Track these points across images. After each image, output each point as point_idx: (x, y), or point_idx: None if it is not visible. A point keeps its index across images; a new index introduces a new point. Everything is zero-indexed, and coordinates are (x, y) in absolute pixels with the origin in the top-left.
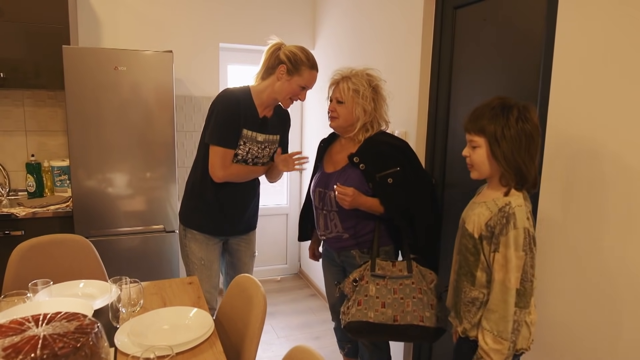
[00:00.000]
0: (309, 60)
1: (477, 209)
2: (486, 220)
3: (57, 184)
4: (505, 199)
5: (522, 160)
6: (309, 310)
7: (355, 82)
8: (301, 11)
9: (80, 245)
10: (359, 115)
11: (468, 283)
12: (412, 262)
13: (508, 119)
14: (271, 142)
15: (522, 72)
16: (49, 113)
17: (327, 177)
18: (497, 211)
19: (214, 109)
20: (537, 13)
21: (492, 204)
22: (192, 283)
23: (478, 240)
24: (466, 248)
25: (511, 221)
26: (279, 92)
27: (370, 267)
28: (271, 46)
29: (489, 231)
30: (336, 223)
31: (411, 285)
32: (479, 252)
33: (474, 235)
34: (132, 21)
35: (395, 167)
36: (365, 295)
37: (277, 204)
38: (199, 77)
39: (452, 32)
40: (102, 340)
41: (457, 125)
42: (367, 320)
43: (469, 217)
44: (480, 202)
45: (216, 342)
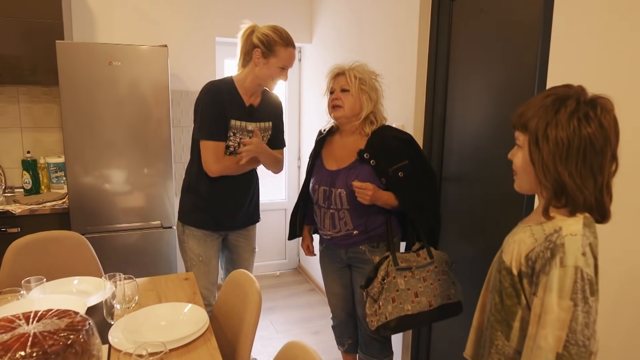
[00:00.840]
0: (283, 38)
1: (519, 234)
2: (528, 251)
3: (53, 180)
4: (554, 224)
5: (569, 173)
6: (307, 305)
7: (359, 71)
8: (298, 4)
9: (76, 241)
10: (365, 103)
11: (502, 335)
12: (430, 248)
13: (558, 113)
14: (263, 129)
15: (519, 63)
16: (45, 109)
17: (331, 174)
18: (543, 240)
19: (199, 104)
20: (534, 4)
21: (538, 229)
22: (187, 279)
23: (517, 278)
24: (503, 287)
25: (557, 255)
26: (259, 76)
27: (393, 262)
28: (244, 31)
29: (530, 266)
30: (346, 221)
31: (435, 270)
32: (519, 295)
33: (511, 270)
34: (127, 15)
35: (404, 160)
36: (397, 290)
37: (275, 199)
38: (195, 71)
39: (448, 24)
40: (94, 337)
41: (454, 118)
42: (406, 314)
43: (508, 245)
44: (524, 225)
45: (211, 338)
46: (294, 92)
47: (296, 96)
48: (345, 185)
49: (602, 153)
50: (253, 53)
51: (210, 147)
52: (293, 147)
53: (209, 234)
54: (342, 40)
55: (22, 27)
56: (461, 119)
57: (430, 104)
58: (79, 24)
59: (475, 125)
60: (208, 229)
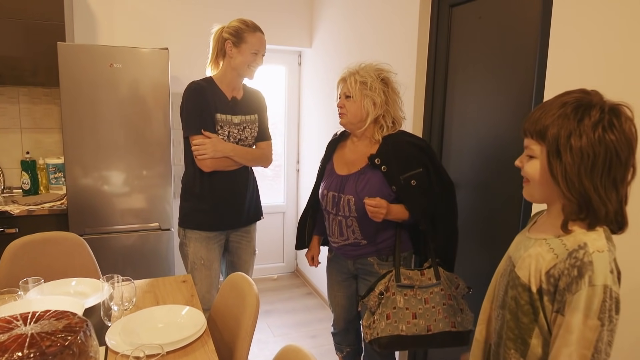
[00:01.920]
0: (249, 25)
1: (533, 247)
2: (549, 267)
3: (52, 181)
4: (576, 238)
5: (594, 186)
6: (305, 308)
7: (362, 74)
8: (298, 10)
9: (74, 243)
10: (369, 108)
11: (516, 352)
12: (438, 267)
13: (581, 122)
14: (249, 122)
15: (518, 69)
16: (45, 110)
17: (341, 180)
18: (567, 256)
19: (183, 103)
20: (532, 11)
21: (557, 244)
22: (185, 281)
23: (537, 296)
24: (517, 304)
25: (586, 275)
26: (236, 67)
27: (395, 278)
28: (215, 33)
29: (552, 284)
30: (354, 229)
31: (441, 293)
32: (537, 312)
33: (530, 287)
34: (128, 18)
35: (418, 167)
36: (394, 308)
37: (273, 202)
38: (195, 74)
39: (448, 30)
40: (91, 338)
41: (453, 123)
42: (399, 334)
43: (521, 260)
44: (539, 238)
45: (208, 341)
46: (294, 96)
47: (296, 100)
48: (354, 192)
49: (626, 163)
50: (225, 47)
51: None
52: (292, 151)
53: (212, 236)
54: (342, 45)
55: (24, 28)
56: (460, 125)
57: (429, 110)
58: (80, 26)
59: (473, 131)
60: (210, 230)
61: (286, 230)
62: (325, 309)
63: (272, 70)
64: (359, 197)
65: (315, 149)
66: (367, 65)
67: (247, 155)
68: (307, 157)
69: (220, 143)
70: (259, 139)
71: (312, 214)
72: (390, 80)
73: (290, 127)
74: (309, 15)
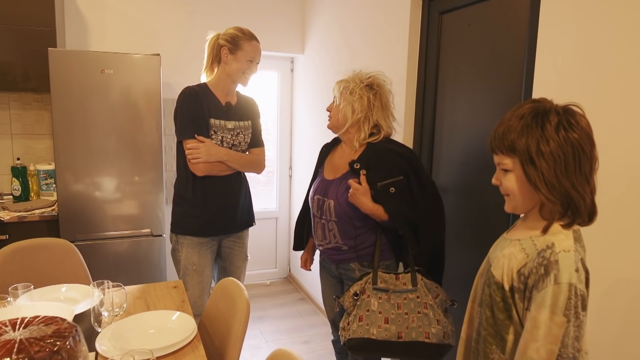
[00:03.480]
0: (245, 33)
1: (508, 248)
2: (519, 266)
3: (43, 187)
4: (546, 239)
5: (572, 184)
6: (297, 314)
7: (349, 80)
8: (290, 16)
9: (64, 249)
10: (346, 113)
11: (497, 348)
12: (416, 274)
13: (544, 128)
14: (243, 128)
15: (506, 75)
16: (35, 116)
17: (326, 184)
18: (536, 255)
19: (177, 107)
20: (520, 18)
21: (529, 243)
22: (177, 287)
23: (509, 293)
24: (494, 301)
25: (552, 272)
26: (231, 73)
27: (372, 280)
28: (210, 39)
29: (522, 282)
30: (335, 233)
31: (416, 300)
32: (510, 309)
33: (503, 285)
34: (120, 24)
35: (398, 175)
36: (367, 310)
37: (266, 207)
38: (187, 80)
39: (438, 37)
40: (80, 344)
41: (443, 129)
42: (369, 337)
43: (496, 260)
44: (513, 239)
45: (199, 346)
46: (286, 102)
47: (288, 106)
48: (335, 196)
49: (591, 156)
50: (221, 53)
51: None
52: (285, 156)
53: (204, 241)
54: (333, 51)
55: (15, 34)
56: (450, 130)
57: (419, 116)
58: (72, 32)
59: (463, 137)
60: (202, 236)
61: (279, 235)
62: (318, 315)
63: (264, 76)
64: (338, 201)
65: (307, 154)
66: (360, 72)
67: (241, 160)
68: (299, 163)
69: (214, 147)
70: (252, 145)
71: (308, 215)
72: (378, 87)
73: (282, 133)
74: (301, 22)
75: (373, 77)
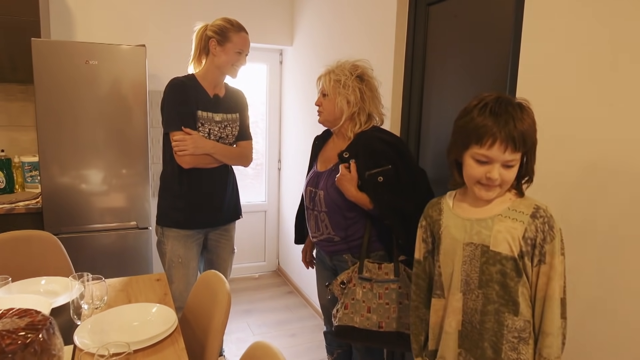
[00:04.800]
0: (234, 25)
1: (499, 224)
2: (522, 233)
3: (27, 179)
4: (525, 203)
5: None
6: (285, 307)
7: (337, 72)
8: (279, 8)
9: (46, 241)
10: (342, 106)
11: (509, 313)
12: (400, 264)
13: (524, 112)
14: (230, 120)
15: (492, 65)
16: (20, 107)
17: (318, 175)
18: (531, 219)
19: (165, 98)
20: (505, 9)
21: (516, 214)
22: (159, 280)
23: (519, 259)
24: (503, 274)
25: (554, 226)
26: (219, 65)
27: (359, 270)
28: (198, 30)
29: (530, 244)
30: (327, 224)
31: (398, 290)
32: (521, 274)
33: (513, 255)
34: (106, 15)
35: (386, 164)
36: (352, 299)
37: (255, 200)
38: (173, 72)
39: (425, 28)
40: (55, 336)
41: (430, 121)
42: (353, 325)
43: (493, 238)
44: (492, 216)
45: (179, 339)
46: (275, 95)
47: (277, 98)
48: (325, 187)
49: None
50: (209, 45)
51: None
52: (274, 149)
53: (190, 234)
54: (322, 43)
55: None
56: (436, 120)
57: (406, 106)
58: (57, 23)
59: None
60: (188, 228)
61: (268, 229)
62: (306, 308)
63: (253, 69)
64: (328, 192)
65: (296, 147)
66: (344, 63)
67: (228, 153)
68: (288, 156)
69: (200, 140)
70: (240, 138)
71: None
72: (367, 76)
73: (271, 125)
74: (290, 14)
75: (361, 67)
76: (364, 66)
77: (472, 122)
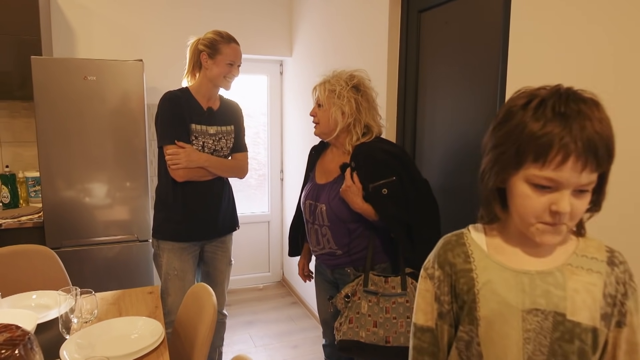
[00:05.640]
0: (223, 37)
1: (573, 278)
2: (602, 289)
3: (31, 194)
4: (594, 243)
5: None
6: (289, 318)
7: (332, 82)
8: (278, 20)
9: (44, 256)
10: (337, 117)
11: None
12: (407, 277)
13: (601, 111)
14: (225, 133)
15: (482, 71)
16: (24, 124)
17: (318, 188)
18: (609, 266)
19: (158, 112)
20: (493, 15)
21: (589, 261)
22: (152, 292)
23: (601, 328)
24: (582, 354)
25: (632, 274)
26: (212, 77)
27: (363, 283)
28: (191, 45)
29: (610, 303)
30: (329, 239)
31: (405, 304)
32: (598, 346)
33: (594, 325)
34: (107, 32)
35: (391, 176)
36: (357, 313)
37: (258, 211)
38: (171, 85)
39: (417, 35)
40: (33, 352)
41: (425, 126)
42: (358, 340)
43: (570, 302)
44: (560, 266)
45: (164, 353)
46: (276, 106)
47: (278, 109)
48: (327, 201)
49: None
50: (201, 58)
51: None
52: (276, 160)
53: (186, 246)
54: (320, 53)
55: (1, 43)
56: (431, 128)
57: (401, 114)
58: (59, 40)
59: (444, 133)
60: (184, 241)
61: (271, 239)
62: (309, 319)
63: (254, 80)
64: (330, 206)
65: (298, 157)
66: (340, 72)
67: (222, 166)
68: (291, 166)
69: (194, 153)
70: (235, 150)
71: (302, 220)
72: (364, 87)
73: (273, 136)
74: (289, 25)
75: (358, 77)
76: (361, 76)
77: (525, 129)
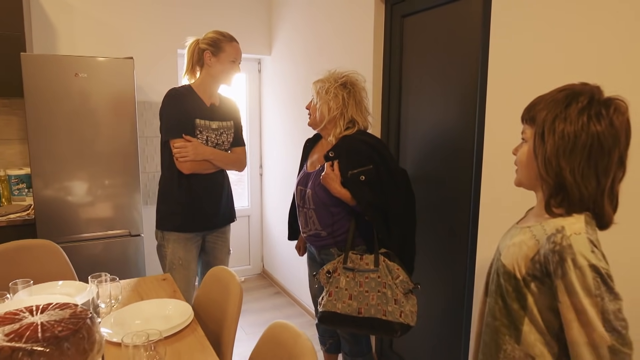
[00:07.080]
0: (225, 36)
1: (517, 236)
2: (532, 253)
3: (14, 192)
4: (555, 223)
5: (570, 168)
6: (274, 307)
7: (324, 80)
8: (257, 19)
9: (49, 249)
10: (324, 112)
11: (510, 338)
12: (379, 256)
13: (569, 107)
14: (226, 128)
15: (463, 72)
16: (4, 121)
17: (307, 175)
18: (545, 241)
19: (163, 108)
20: (474, 20)
21: (538, 229)
22: (165, 279)
23: (522, 283)
24: (505, 291)
25: (568, 258)
26: (215, 75)
27: (343, 260)
28: (190, 45)
29: (539, 269)
30: (314, 220)
31: (377, 279)
32: (524, 299)
33: (515, 274)
34: (88, 28)
35: (368, 164)
36: (336, 287)
37: (239, 206)
38: (158, 83)
39: (400, 38)
40: (96, 325)
41: (408, 122)
42: (335, 311)
43: (506, 248)
44: (523, 226)
45: (197, 328)
46: (255, 102)
47: (257, 107)
48: (312, 186)
49: (609, 154)
50: (204, 57)
51: (180, 143)
52: (255, 156)
53: (190, 237)
54: (300, 52)
55: None
56: (414, 123)
57: (386, 111)
58: (39, 37)
59: (425, 128)
60: (188, 231)
61: (252, 233)
62: (294, 306)
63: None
64: (315, 191)
65: (277, 153)
66: (335, 72)
67: (225, 159)
68: (269, 162)
69: (200, 147)
70: (235, 144)
71: None
72: (351, 84)
73: (252, 133)
74: (268, 24)
75: (347, 76)
76: (350, 75)
77: None
